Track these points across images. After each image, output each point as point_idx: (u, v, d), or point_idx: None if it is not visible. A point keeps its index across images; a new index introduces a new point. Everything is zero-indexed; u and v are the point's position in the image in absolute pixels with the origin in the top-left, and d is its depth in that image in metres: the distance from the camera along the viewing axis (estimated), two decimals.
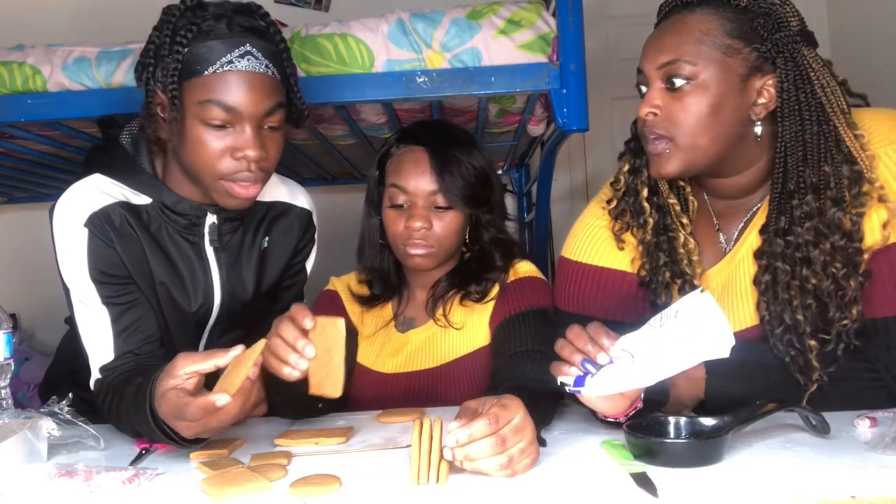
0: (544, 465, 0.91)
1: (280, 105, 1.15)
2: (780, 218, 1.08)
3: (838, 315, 1.04)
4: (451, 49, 1.54)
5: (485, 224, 1.40)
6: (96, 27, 1.94)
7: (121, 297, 1.19)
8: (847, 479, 0.79)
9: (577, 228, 1.28)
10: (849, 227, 1.04)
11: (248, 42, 1.11)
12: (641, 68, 1.11)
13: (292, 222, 1.37)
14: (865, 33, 2.63)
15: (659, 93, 1.09)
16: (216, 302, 1.30)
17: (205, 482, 0.88)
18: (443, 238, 1.35)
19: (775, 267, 1.08)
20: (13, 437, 0.94)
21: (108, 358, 1.17)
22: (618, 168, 1.25)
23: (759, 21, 1.06)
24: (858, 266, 1.04)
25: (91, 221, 1.17)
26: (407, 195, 1.34)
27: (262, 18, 1.18)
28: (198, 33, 1.10)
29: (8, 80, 1.59)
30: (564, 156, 2.98)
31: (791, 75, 1.05)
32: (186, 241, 1.25)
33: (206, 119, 1.10)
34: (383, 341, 1.41)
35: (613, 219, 1.22)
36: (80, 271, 1.17)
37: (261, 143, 1.12)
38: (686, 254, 1.16)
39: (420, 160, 1.35)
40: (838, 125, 1.05)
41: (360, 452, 1.01)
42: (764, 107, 1.08)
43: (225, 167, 1.13)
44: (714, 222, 1.20)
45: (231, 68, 1.10)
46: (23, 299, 2.64)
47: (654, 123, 1.09)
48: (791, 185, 1.06)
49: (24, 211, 2.82)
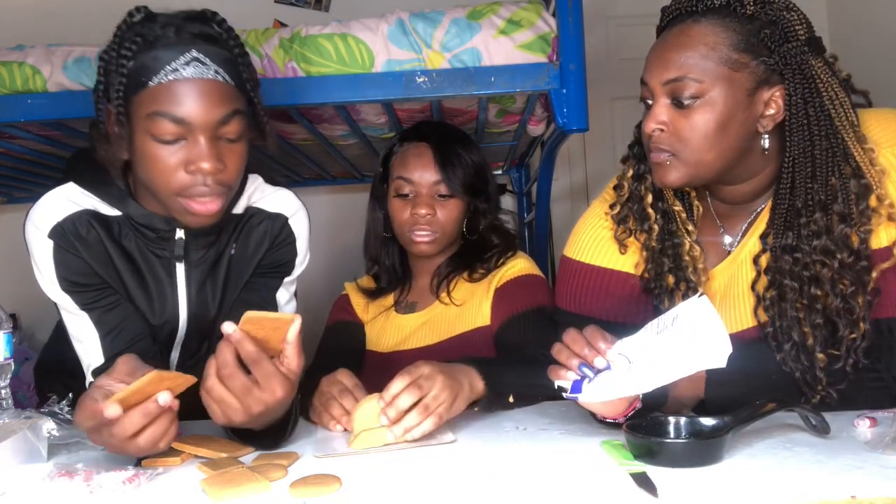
0: (544, 464, 0.91)
1: (236, 113, 1.06)
2: (788, 234, 1.06)
3: (847, 332, 1.03)
4: (451, 49, 1.54)
5: (482, 212, 1.55)
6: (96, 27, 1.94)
7: (99, 302, 1.17)
8: (847, 479, 0.79)
9: (579, 228, 1.28)
10: (856, 244, 1.02)
11: (194, 48, 1.03)
12: (646, 81, 1.09)
13: (261, 229, 1.26)
14: (865, 33, 2.63)
15: (665, 108, 1.07)
16: (182, 318, 1.25)
17: (205, 482, 0.88)
18: (445, 224, 1.51)
19: (783, 283, 1.06)
20: (13, 437, 0.94)
21: (98, 361, 1.16)
22: (621, 172, 1.24)
23: (766, 31, 1.03)
24: (867, 284, 1.02)
25: (55, 232, 1.13)
26: (412, 185, 1.51)
27: (219, 25, 1.10)
28: (143, 44, 1.03)
29: (8, 80, 1.59)
30: (564, 156, 2.98)
31: (800, 89, 1.03)
32: (155, 255, 1.20)
33: (156, 134, 1.03)
34: (383, 324, 1.54)
35: (616, 224, 1.21)
36: (51, 282, 1.15)
37: (216, 154, 1.05)
38: (691, 261, 1.15)
39: (424, 154, 1.52)
40: (847, 139, 1.04)
41: (361, 453, 1.01)
42: (771, 118, 1.06)
43: (179, 182, 1.05)
44: (718, 224, 1.19)
45: (177, 77, 1.02)
46: (23, 299, 2.63)
47: (660, 139, 1.08)
48: (799, 201, 1.05)
49: (24, 211, 2.82)
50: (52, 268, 1.14)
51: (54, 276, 1.14)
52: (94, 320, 1.16)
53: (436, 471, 0.92)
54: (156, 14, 1.08)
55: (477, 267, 1.53)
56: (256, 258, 1.27)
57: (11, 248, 2.58)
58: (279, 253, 1.28)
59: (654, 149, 1.09)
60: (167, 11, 1.09)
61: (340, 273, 1.52)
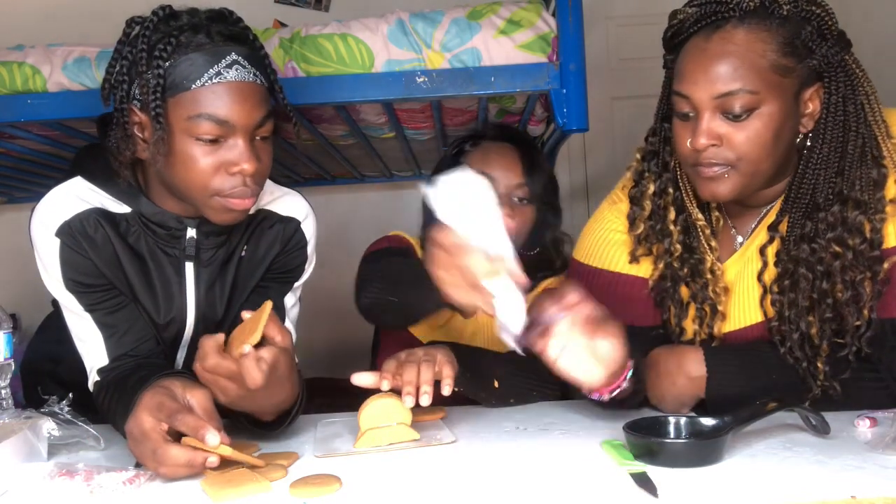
0: (545, 464, 0.91)
1: (270, 114, 1.10)
2: (806, 223, 1.05)
3: (853, 320, 1.03)
4: (451, 49, 1.54)
5: (549, 225, 1.52)
6: (96, 27, 1.94)
7: (105, 303, 1.16)
8: (847, 479, 0.79)
9: (588, 231, 1.26)
10: (869, 233, 1.02)
11: (233, 51, 1.05)
12: (688, 94, 1.03)
13: (274, 232, 1.27)
14: (866, 33, 2.62)
15: (717, 122, 1.02)
16: (190, 318, 1.24)
17: (205, 482, 0.88)
18: (517, 230, 1.45)
19: (796, 272, 1.06)
20: (13, 436, 0.94)
21: (103, 362, 1.15)
22: (627, 178, 1.21)
23: (805, 31, 1.00)
24: (878, 274, 1.02)
25: (62, 231, 1.12)
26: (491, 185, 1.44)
27: (237, 23, 1.11)
28: (177, 46, 1.04)
29: (8, 80, 1.59)
30: (564, 156, 2.98)
31: (841, 87, 1.02)
32: (165, 253, 1.20)
33: (197, 135, 1.05)
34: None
35: (636, 242, 1.18)
36: (56, 282, 1.14)
37: (255, 155, 1.07)
38: (713, 281, 1.13)
39: (508, 154, 1.48)
40: (878, 134, 1.03)
41: (361, 453, 1.01)
42: (811, 117, 1.05)
43: (219, 183, 1.07)
44: (729, 225, 1.18)
45: (220, 80, 1.04)
46: (23, 299, 2.62)
47: (714, 154, 1.03)
48: (820, 196, 1.04)
49: (24, 211, 2.79)
50: (59, 267, 1.13)
51: (60, 276, 1.14)
52: (98, 321, 1.16)
53: (436, 471, 0.92)
54: (179, 14, 1.08)
55: (534, 286, 1.44)
56: (267, 261, 1.27)
57: (11, 248, 2.58)
58: (290, 257, 1.29)
59: (707, 164, 1.05)
60: (182, 9, 1.09)
61: (340, 274, 1.50)
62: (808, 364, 1.05)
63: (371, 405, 1.05)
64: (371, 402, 1.05)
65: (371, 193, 3.08)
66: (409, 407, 1.03)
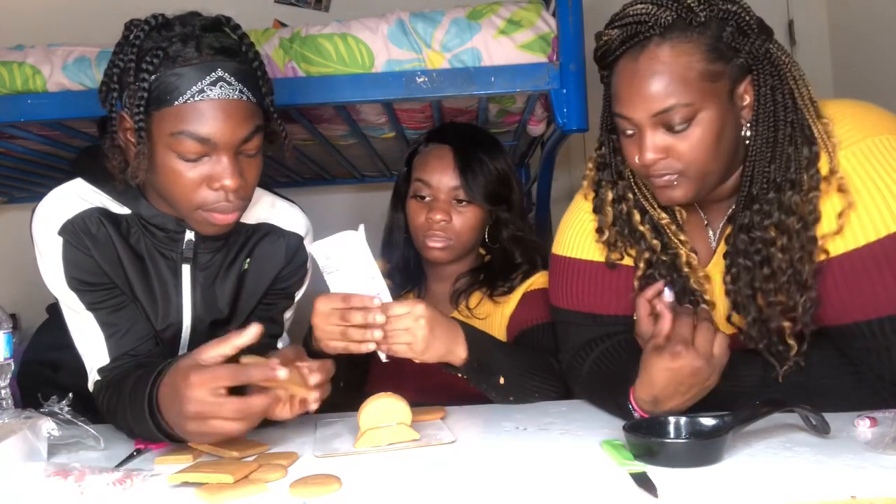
0: (545, 464, 0.92)
1: (257, 129, 1.08)
2: (745, 213, 1.08)
3: (799, 297, 1.04)
4: (451, 49, 1.54)
5: (504, 222, 1.50)
6: (96, 27, 1.94)
7: (106, 302, 1.16)
8: (847, 479, 0.79)
9: (564, 224, 1.28)
10: (805, 213, 1.04)
11: (219, 67, 1.03)
12: (627, 115, 1.06)
13: (278, 246, 1.28)
14: (865, 33, 2.62)
15: (658, 137, 1.05)
16: (186, 321, 1.24)
17: (200, 490, 0.87)
18: (461, 232, 1.46)
19: (736, 262, 1.09)
20: (13, 436, 0.94)
21: (104, 361, 1.15)
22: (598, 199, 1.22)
23: (726, 32, 1.03)
24: (813, 254, 1.04)
25: (65, 229, 1.12)
26: (430, 189, 1.46)
27: (234, 32, 1.10)
28: (164, 59, 1.03)
29: (8, 80, 1.59)
30: (564, 156, 2.97)
31: (769, 79, 1.05)
32: (163, 256, 1.20)
33: (179, 151, 1.04)
34: None
35: (607, 248, 1.20)
36: (58, 280, 1.14)
37: (238, 171, 1.06)
38: (692, 272, 1.15)
39: (445, 156, 1.48)
40: (808, 116, 1.05)
41: (361, 453, 1.01)
42: (749, 108, 1.07)
43: (202, 197, 1.07)
44: (702, 218, 1.19)
45: (203, 98, 1.02)
46: (23, 299, 2.63)
47: (662, 165, 1.06)
48: (755, 187, 1.07)
49: (24, 211, 2.79)
50: (61, 266, 1.13)
51: (62, 274, 1.14)
52: (99, 320, 1.16)
53: (436, 471, 0.92)
54: (172, 22, 1.07)
55: (498, 286, 1.47)
56: (272, 273, 1.29)
57: (11, 248, 2.59)
58: (294, 272, 1.31)
59: (658, 175, 1.07)
60: (179, 14, 1.08)
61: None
62: (774, 346, 1.07)
63: (371, 405, 1.05)
64: (371, 401, 1.05)
65: (371, 194, 3.08)
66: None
